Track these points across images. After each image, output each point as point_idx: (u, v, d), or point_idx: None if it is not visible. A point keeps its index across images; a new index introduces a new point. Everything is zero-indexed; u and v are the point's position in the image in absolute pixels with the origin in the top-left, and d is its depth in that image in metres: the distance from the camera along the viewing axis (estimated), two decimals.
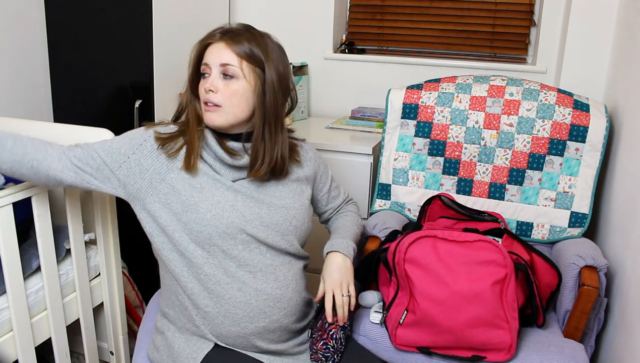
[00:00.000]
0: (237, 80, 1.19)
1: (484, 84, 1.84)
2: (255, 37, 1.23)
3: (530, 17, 2.32)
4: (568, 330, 1.48)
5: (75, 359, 1.81)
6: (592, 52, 2.04)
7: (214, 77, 1.20)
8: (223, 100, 1.20)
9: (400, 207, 1.90)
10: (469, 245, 1.38)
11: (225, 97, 1.19)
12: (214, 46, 1.21)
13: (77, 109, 2.10)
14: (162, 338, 1.28)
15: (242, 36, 1.21)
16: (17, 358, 1.38)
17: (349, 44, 2.57)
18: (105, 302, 1.67)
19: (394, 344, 1.42)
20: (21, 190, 1.32)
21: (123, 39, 1.97)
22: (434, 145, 1.86)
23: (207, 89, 1.20)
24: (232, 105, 1.20)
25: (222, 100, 1.20)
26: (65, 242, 1.55)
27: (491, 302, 1.32)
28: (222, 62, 1.19)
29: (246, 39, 1.21)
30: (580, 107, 1.75)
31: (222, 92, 1.19)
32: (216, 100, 1.19)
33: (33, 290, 1.43)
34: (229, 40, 1.20)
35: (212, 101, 1.20)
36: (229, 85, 1.19)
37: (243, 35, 1.21)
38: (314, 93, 2.60)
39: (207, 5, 2.27)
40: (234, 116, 1.21)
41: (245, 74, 1.20)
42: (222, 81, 1.19)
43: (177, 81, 2.09)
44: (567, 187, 1.76)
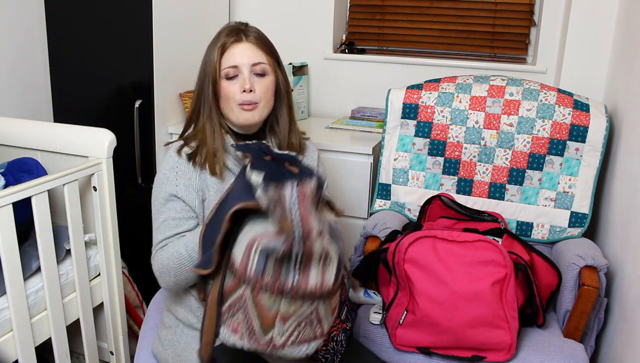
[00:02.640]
0: (267, 76, 1.26)
1: (484, 84, 1.84)
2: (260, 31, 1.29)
3: (530, 17, 2.32)
4: (568, 330, 1.48)
5: (75, 359, 1.81)
6: (592, 52, 2.04)
7: (247, 77, 1.23)
8: (260, 97, 1.25)
9: (400, 207, 1.90)
10: (468, 245, 1.38)
11: (261, 93, 1.25)
12: (240, 47, 1.23)
13: (77, 109, 2.10)
14: (169, 333, 1.29)
15: (258, 33, 1.26)
16: (17, 358, 1.38)
17: (349, 44, 2.57)
18: (105, 302, 1.67)
19: (393, 344, 1.42)
20: (21, 190, 1.32)
21: (123, 39, 1.97)
22: (434, 145, 1.86)
23: (244, 90, 1.22)
24: (267, 100, 1.27)
25: (259, 97, 1.25)
26: (65, 242, 1.55)
27: (491, 302, 1.32)
28: (254, 62, 1.24)
29: (261, 34, 1.27)
30: (580, 107, 1.75)
31: (258, 90, 1.24)
32: (254, 98, 1.24)
33: (33, 290, 1.43)
34: (254, 40, 1.24)
35: (251, 100, 1.24)
36: (262, 82, 1.25)
37: (257, 31, 1.27)
38: (314, 93, 2.60)
39: (207, 5, 2.27)
40: (268, 110, 1.29)
41: (272, 68, 1.27)
42: (255, 79, 1.24)
43: (177, 81, 2.10)
44: (567, 187, 1.76)
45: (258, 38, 1.25)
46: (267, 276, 0.95)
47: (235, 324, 0.98)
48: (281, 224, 0.93)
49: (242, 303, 0.97)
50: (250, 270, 0.95)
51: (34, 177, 1.52)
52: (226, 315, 0.99)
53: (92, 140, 1.58)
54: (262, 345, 0.97)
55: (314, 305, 0.98)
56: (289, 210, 0.94)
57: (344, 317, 1.32)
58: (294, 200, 0.94)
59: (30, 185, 1.35)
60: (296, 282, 0.96)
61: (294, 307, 0.97)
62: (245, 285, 0.97)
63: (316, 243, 0.96)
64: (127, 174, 2.05)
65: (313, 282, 0.97)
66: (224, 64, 1.23)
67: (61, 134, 1.62)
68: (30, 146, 1.65)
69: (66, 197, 1.48)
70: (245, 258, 0.96)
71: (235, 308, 0.98)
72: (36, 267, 1.44)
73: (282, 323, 0.97)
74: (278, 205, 0.95)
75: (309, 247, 0.95)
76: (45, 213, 1.41)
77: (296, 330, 0.98)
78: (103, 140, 1.57)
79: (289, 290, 0.95)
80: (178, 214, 1.20)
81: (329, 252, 0.99)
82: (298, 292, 0.96)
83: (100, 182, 1.58)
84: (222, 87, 1.24)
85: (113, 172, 1.61)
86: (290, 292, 0.96)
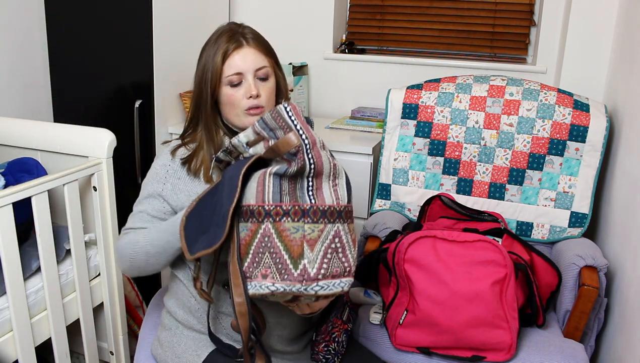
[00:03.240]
0: (270, 78, 1.26)
1: (484, 84, 1.84)
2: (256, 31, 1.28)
3: (530, 17, 2.32)
4: (568, 330, 1.48)
5: (75, 359, 1.81)
6: (592, 52, 2.04)
7: (251, 82, 1.22)
8: (265, 100, 1.25)
9: (400, 207, 1.90)
10: (468, 245, 1.38)
11: (267, 97, 1.25)
12: (242, 53, 1.22)
13: (77, 109, 2.10)
14: (168, 334, 1.29)
15: (255, 34, 1.26)
16: (17, 358, 1.38)
17: (349, 44, 2.57)
18: (105, 302, 1.67)
19: (393, 344, 1.42)
20: (21, 190, 1.32)
21: (123, 39, 1.97)
22: (434, 145, 1.86)
23: (251, 95, 1.22)
24: (270, 102, 1.26)
25: (264, 101, 1.25)
26: (65, 242, 1.55)
27: (491, 302, 1.32)
28: (258, 67, 1.23)
29: (258, 35, 1.26)
30: (580, 107, 1.75)
31: (263, 94, 1.24)
32: (260, 102, 1.24)
33: (33, 290, 1.43)
34: (253, 43, 1.23)
35: (257, 105, 1.23)
36: (266, 85, 1.25)
37: (253, 32, 1.26)
38: (314, 93, 2.60)
39: (207, 5, 2.27)
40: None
41: (273, 70, 1.27)
42: (259, 83, 1.24)
43: (177, 81, 2.10)
44: (567, 187, 1.76)
45: (257, 41, 1.25)
46: (285, 201, 0.97)
47: (264, 270, 0.97)
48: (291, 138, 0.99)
49: (266, 242, 0.97)
50: (268, 197, 0.97)
51: (34, 177, 1.52)
52: (251, 268, 0.98)
53: (92, 140, 1.58)
54: (296, 281, 0.96)
55: (335, 226, 0.99)
56: (292, 124, 1.01)
57: (345, 318, 1.32)
58: (292, 115, 1.02)
59: (30, 185, 1.35)
60: (313, 201, 0.98)
61: (317, 228, 0.98)
62: (265, 221, 0.97)
63: (322, 151, 1.01)
64: (127, 174, 2.05)
65: (328, 199, 1.00)
66: (226, 72, 1.21)
67: (61, 134, 1.62)
68: (30, 146, 1.65)
69: (66, 197, 1.48)
70: (260, 189, 0.98)
71: (259, 255, 0.98)
72: (36, 267, 1.44)
73: (310, 250, 0.97)
74: (279, 123, 1.01)
75: (318, 157, 0.99)
76: (45, 213, 1.41)
77: (325, 259, 0.98)
78: (103, 140, 1.57)
79: (308, 209, 0.97)
80: (154, 212, 1.22)
81: (336, 164, 1.03)
82: (317, 210, 0.98)
83: (100, 182, 1.58)
84: (226, 94, 1.23)
85: (113, 172, 1.61)
86: (310, 211, 0.97)
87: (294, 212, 0.97)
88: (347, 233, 1.02)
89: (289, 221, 0.97)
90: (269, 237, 0.97)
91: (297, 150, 0.99)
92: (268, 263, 0.97)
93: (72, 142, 1.60)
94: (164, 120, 2.07)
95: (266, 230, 0.97)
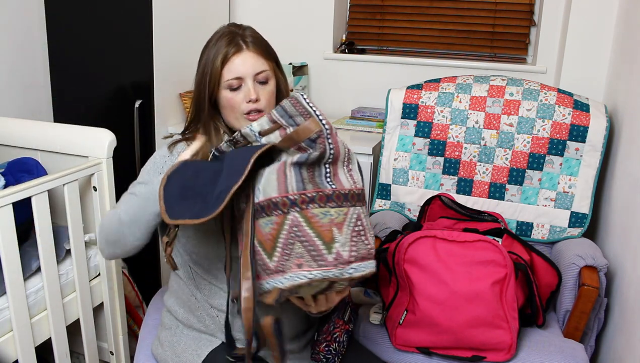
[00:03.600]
0: (270, 82, 1.25)
1: (484, 84, 1.84)
2: (258, 33, 1.27)
3: (530, 17, 2.32)
4: (568, 330, 1.48)
5: (75, 359, 1.81)
6: (592, 52, 2.04)
7: (251, 86, 1.22)
8: (264, 104, 1.24)
9: (400, 207, 1.90)
10: (468, 245, 1.38)
11: (266, 101, 1.24)
12: (242, 58, 1.21)
13: (77, 109, 2.10)
14: (168, 334, 1.29)
15: (255, 36, 1.24)
16: (17, 358, 1.38)
17: (349, 44, 2.57)
18: (105, 302, 1.67)
19: (393, 344, 1.42)
20: (21, 190, 1.32)
21: (123, 39, 1.97)
22: (434, 145, 1.86)
23: (250, 100, 1.22)
24: (270, 104, 1.25)
25: (264, 104, 1.24)
26: (65, 242, 1.55)
27: (491, 302, 1.32)
28: (257, 71, 1.22)
29: (258, 37, 1.25)
30: (580, 107, 1.75)
31: (262, 98, 1.23)
32: (260, 106, 1.23)
33: (33, 290, 1.43)
34: (253, 47, 1.22)
35: (257, 109, 1.23)
36: (265, 89, 1.24)
37: (253, 34, 1.25)
38: (314, 93, 2.60)
39: (207, 5, 2.27)
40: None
41: (273, 73, 1.26)
42: (258, 87, 1.23)
43: (177, 81, 2.10)
44: (567, 187, 1.76)
45: (257, 44, 1.23)
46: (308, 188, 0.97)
47: (297, 261, 0.96)
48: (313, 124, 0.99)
49: (295, 232, 0.96)
50: (292, 187, 0.97)
51: (34, 177, 1.52)
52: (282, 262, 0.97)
53: (92, 140, 1.58)
54: (331, 265, 0.95)
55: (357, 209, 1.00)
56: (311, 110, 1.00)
57: (347, 318, 1.32)
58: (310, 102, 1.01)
59: (30, 185, 1.35)
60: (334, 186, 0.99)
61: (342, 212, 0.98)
62: (292, 210, 0.96)
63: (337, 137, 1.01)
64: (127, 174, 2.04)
65: (346, 183, 1.00)
66: (226, 76, 1.21)
67: (61, 134, 1.62)
68: (30, 146, 1.65)
69: (66, 197, 1.48)
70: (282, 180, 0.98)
71: (289, 246, 0.97)
72: (36, 267, 1.44)
73: (339, 233, 0.97)
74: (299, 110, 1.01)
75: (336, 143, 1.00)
76: (45, 213, 1.41)
77: (353, 241, 0.98)
78: (103, 140, 1.57)
79: (331, 194, 0.97)
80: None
81: (349, 150, 1.03)
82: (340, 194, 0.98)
83: (100, 182, 1.58)
84: (225, 97, 1.23)
85: (113, 172, 1.61)
86: (333, 196, 0.97)
87: (319, 198, 0.97)
88: (366, 216, 1.03)
89: (316, 207, 0.96)
90: (298, 226, 0.96)
91: (318, 136, 0.99)
92: (300, 253, 0.96)
93: (72, 142, 1.60)
94: (164, 120, 2.07)
95: (294, 220, 0.96)
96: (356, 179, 1.03)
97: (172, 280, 1.33)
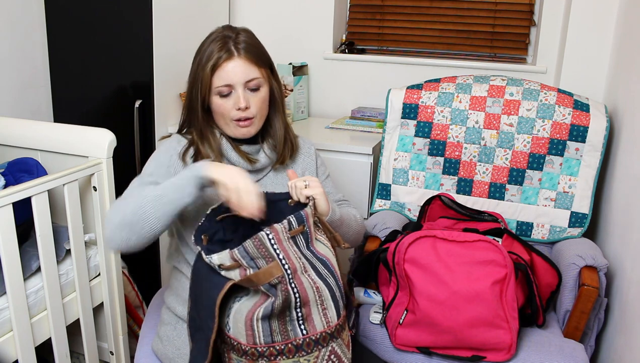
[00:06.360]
0: (262, 88, 1.23)
1: (484, 84, 1.84)
2: (252, 37, 1.25)
3: (530, 17, 2.32)
4: (568, 330, 1.48)
5: (75, 359, 1.81)
6: (592, 52, 2.04)
7: (241, 94, 1.20)
8: (255, 112, 1.23)
9: (400, 207, 1.90)
10: (468, 245, 1.38)
11: (257, 107, 1.23)
12: (232, 65, 1.19)
13: (77, 109, 2.10)
14: (168, 329, 1.29)
15: (248, 42, 1.22)
16: (17, 358, 1.38)
17: (349, 44, 2.57)
18: (105, 302, 1.67)
19: (393, 344, 1.42)
20: (21, 190, 1.32)
21: (123, 39, 1.97)
22: (434, 145, 1.86)
23: (239, 108, 1.21)
24: (262, 111, 1.25)
25: (254, 112, 1.23)
26: (65, 242, 1.55)
27: (491, 302, 1.32)
28: (248, 79, 1.21)
29: (252, 43, 1.23)
30: (580, 107, 1.75)
31: (253, 105, 1.22)
32: (250, 114, 1.23)
33: (33, 290, 1.43)
34: (245, 54, 1.20)
35: (246, 116, 1.22)
36: (256, 96, 1.23)
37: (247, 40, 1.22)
38: (314, 93, 2.60)
39: (207, 5, 2.27)
40: (263, 120, 1.28)
41: (266, 79, 1.24)
42: (249, 94, 1.22)
43: (177, 81, 2.10)
44: (567, 187, 1.76)
45: (249, 51, 1.21)
46: (277, 340, 0.97)
47: None
48: (274, 268, 0.95)
49: None
50: (259, 340, 0.97)
51: (34, 177, 1.52)
52: None
53: (92, 140, 1.58)
54: None
55: (329, 347, 1.01)
56: (274, 253, 0.97)
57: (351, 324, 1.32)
58: (274, 243, 0.97)
59: (30, 185, 1.35)
60: (306, 333, 0.98)
61: (312, 356, 0.99)
62: (260, 359, 0.98)
63: (303, 277, 0.99)
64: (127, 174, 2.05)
65: (319, 324, 1.00)
66: (216, 83, 1.20)
67: (61, 134, 1.62)
68: (30, 146, 1.65)
69: (66, 197, 1.48)
70: (250, 333, 0.97)
71: None
72: (36, 267, 1.44)
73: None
74: (261, 252, 0.97)
75: (300, 284, 0.97)
76: (45, 213, 1.41)
77: None
78: (103, 140, 1.57)
79: (301, 344, 0.98)
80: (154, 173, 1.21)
81: (319, 287, 1.00)
82: (310, 341, 0.98)
83: (100, 182, 1.58)
84: (215, 103, 1.22)
85: (113, 172, 1.61)
86: (303, 345, 0.98)
87: (288, 350, 0.97)
88: (342, 344, 1.03)
89: (283, 359, 0.97)
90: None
91: (279, 281, 0.96)
92: None
93: (72, 142, 1.60)
94: (164, 120, 2.07)
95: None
96: (330, 316, 1.01)
97: (172, 278, 1.33)
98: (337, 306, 1.03)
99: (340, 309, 1.04)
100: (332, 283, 1.03)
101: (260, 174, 1.33)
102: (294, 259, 0.98)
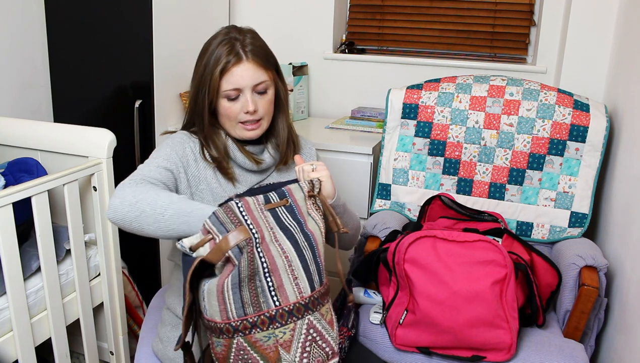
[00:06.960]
0: (269, 91, 1.25)
1: (484, 84, 1.84)
2: (259, 39, 1.26)
3: (530, 17, 2.32)
4: (568, 330, 1.49)
5: (75, 359, 1.81)
6: (592, 52, 2.04)
7: (249, 98, 1.21)
8: (262, 113, 1.24)
9: (400, 207, 1.90)
10: (468, 245, 1.38)
11: (264, 110, 1.24)
12: (241, 69, 1.20)
13: (77, 109, 2.10)
14: (168, 329, 1.29)
15: (255, 45, 1.23)
16: (17, 358, 1.38)
17: (349, 44, 2.57)
18: (105, 302, 1.67)
19: (393, 344, 1.42)
20: (21, 190, 1.32)
21: (123, 39, 1.97)
22: (434, 145, 1.86)
23: (248, 111, 1.21)
24: (269, 113, 1.26)
25: (262, 113, 1.24)
26: (65, 242, 1.55)
27: (491, 302, 1.32)
28: (256, 83, 1.21)
29: (258, 45, 1.23)
30: (580, 107, 1.75)
31: (260, 108, 1.23)
32: (257, 116, 1.24)
33: (33, 290, 1.43)
34: (253, 58, 1.21)
35: (254, 119, 1.23)
36: (264, 98, 1.24)
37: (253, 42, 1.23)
38: (314, 93, 2.60)
39: (207, 5, 2.27)
40: (269, 121, 1.29)
41: (272, 81, 1.26)
42: (257, 97, 1.23)
43: (177, 81, 2.10)
44: (567, 187, 1.76)
45: (257, 54, 1.21)
46: (249, 313, 0.96)
47: None
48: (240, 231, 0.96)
49: (242, 355, 0.98)
50: (232, 314, 0.97)
51: (34, 177, 1.52)
52: None
53: (92, 140, 1.58)
54: None
55: (306, 319, 1.00)
56: (242, 218, 0.99)
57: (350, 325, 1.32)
58: (243, 210, 0.99)
59: (30, 185, 1.35)
60: (279, 304, 0.98)
61: (289, 329, 0.98)
62: (235, 335, 0.97)
63: (271, 246, 0.99)
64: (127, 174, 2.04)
65: (292, 296, 0.99)
66: (224, 86, 1.20)
67: (61, 134, 1.62)
68: (30, 146, 1.65)
69: (66, 197, 1.48)
70: (222, 307, 0.97)
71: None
72: (36, 267, 1.44)
73: (286, 352, 0.98)
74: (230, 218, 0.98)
75: (267, 251, 0.98)
76: (45, 213, 1.41)
77: (305, 353, 0.99)
78: (103, 140, 1.57)
79: (274, 315, 0.97)
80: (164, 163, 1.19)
81: (288, 256, 1.01)
82: (284, 312, 0.98)
83: (100, 182, 1.58)
84: (223, 106, 1.22)
85: (113, 172, 1.61)
86: (276, 316, 0.97)
87: (261, 322, 0.97)
88: (320, 319, 1.02)
89: (258, 332, 0.97)
90: (244, 350, 0.97)
91: (246, 244, 0.97)
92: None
93: (72, 142, 1.60)
94: (164, 120, 2.07)
95: (239, 344, 0.97)
96: (302, 286, 1.01)
97: (173, 278, 1.33)
98: (311, 278, 1.03)
99: (315, 283, 1.03)
100: (308, 256, 1.03)
101: (264, 174, 1.34)
102: (263, 228, 1.00)
